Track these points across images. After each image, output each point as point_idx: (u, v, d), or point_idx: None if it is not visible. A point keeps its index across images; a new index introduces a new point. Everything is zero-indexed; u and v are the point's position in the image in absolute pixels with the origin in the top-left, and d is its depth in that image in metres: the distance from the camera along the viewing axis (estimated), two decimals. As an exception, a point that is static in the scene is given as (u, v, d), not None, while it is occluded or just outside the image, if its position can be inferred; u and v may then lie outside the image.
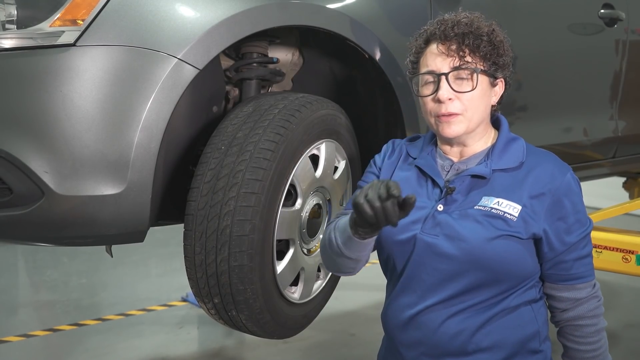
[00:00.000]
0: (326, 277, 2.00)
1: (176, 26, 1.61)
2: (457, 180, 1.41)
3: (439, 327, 1.39)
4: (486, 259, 1.35)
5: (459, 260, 1.37)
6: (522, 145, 1.44)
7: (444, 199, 1.40)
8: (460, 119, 1.39)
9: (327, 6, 1.86)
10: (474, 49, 1.38)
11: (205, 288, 1.71)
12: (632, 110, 3.02)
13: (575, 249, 1.40)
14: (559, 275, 1.42)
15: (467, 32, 1.39)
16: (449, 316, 1.38)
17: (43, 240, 1.67)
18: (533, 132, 2.44)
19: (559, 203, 1.37)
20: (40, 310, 4.18)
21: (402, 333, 1.44)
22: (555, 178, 1.38)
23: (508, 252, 1.36)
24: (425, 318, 1.40)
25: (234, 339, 3.58)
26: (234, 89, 2.00)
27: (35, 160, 1.52)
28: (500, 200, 1.37)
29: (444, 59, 1.39)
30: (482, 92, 1.40)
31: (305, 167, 1.80)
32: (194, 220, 1.67)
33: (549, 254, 1.40)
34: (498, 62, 1.41)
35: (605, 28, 2.80)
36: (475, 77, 1.38)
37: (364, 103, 2.15)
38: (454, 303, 1.38)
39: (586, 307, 1.42)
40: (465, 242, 1.36)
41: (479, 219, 1.36)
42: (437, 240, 1.38)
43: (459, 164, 1.44)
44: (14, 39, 1.55)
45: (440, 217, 1.39)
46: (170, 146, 1.75)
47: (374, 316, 3.72)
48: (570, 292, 1.42)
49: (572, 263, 1.40)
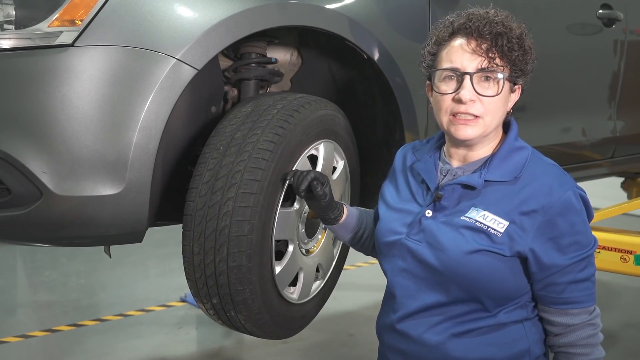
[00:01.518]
0: (325, 277, 2.00)
1: (175, 26, 1.61)
2: (448, 187, 1.35)
3: (419, 336, 1.35)
4: (462, 273, 1.29)
5: (437, 271, 1.32)
6: (525, 157, 1.35)
7: (433, 204, 1.35)
8: (478, 123, 1.31)
9: (326, 6, 1.86)
10: (505, 52, 1.30)
11: (203, 288, 1.71)
12: (631, 111, 3.02)
13: (569, 272, 1.30)
14: (550, 297, 1.33)
15: (501, 32, 1.30)
16: (430, 326, 1.34)
17: (41, 240, 1.67)
18: (532, 133, 2.44)
19: (552, 222, 1.27)
20: (39, 311, 4.17)
21: (387, 337, 1.43)
22: (551, 195, 1.28)
23: (486, 269, 1.28)
24: (407, 325, 1.37)
25: (232, 340, 3.57)
26: (233, 89, 2.00)
27: (34, 161, 1.52)
28: (486, 214, 1.30)
29: (473, 57, 1.29)
30: (503, 98, 1.32)
31: (304, 167, 1.79)
32: (192, 220, 1.67)
33: (538, 274, 1.31)
34: (524, 69, 1.34)
35: (604, 28, 2.80)
36: (501, 83, 1.30)
37: (362, 103, 2.15)
38: (436, 313, 1.34)
39: (579, 335, 1.33)
40: (444, 252, 1.31)
41: (462, 231, 1.30)
42: (420, 247, 1.34)
43: (456, 169, 1.38)
44: (12, 39, 1.55)
45: (425, 223, 1.35)
46: (168, 146, 1.75)
47: (372, 316, 3.70)
48: (562, 317, 1.33)
49: (564, 286, 1.30)
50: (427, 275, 1.34)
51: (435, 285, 1.33)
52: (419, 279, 1.35)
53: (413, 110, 2.05)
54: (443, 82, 1.33)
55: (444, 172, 1.39)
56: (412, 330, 1.36)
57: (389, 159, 2.11)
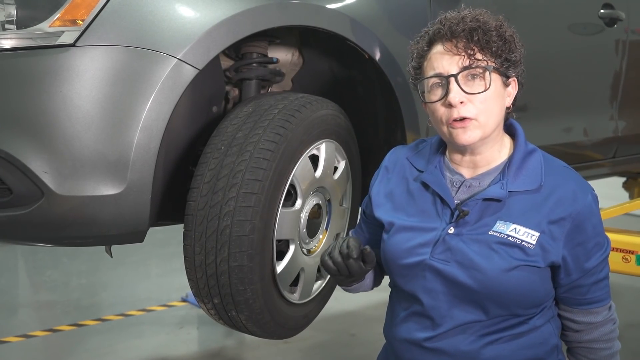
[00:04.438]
0: (326, 277, 2.00)
1: (176, 26, 1.61)
2: (473, 201, 1.29)
3: (456, 352, 1.31)
4: (502, 290, 1.26)
5: (473, 290, 1.27)
6: (539, 161, 1.31)
7: (456, 222, 1.29)
8: (475, 124, 1.26)
9: (327, 6, 1.85)
10: (483, 44, 1.26)
11: (205, 288, 1.71)
12: (632, 110, 3.02)
13: (593, 274, 1.31)
14: (575, 299, 1.33)
15: (475, 27, 1.26)
16: (464, 340, 1.30)
17: (43, 240, 1.67)
18: (533, 132, 2.43)
19: (580, 227, 1.27)
20: (40, 311, 4.17)
21: (408, 353, 1.36)
22: (577, 201, 1.27)
23: (525, 283, 1.26)
24: (440, 343, 1.32)
25: (234, 339, 3.57)
26: (234, 89, 2.00)
27: (35, 161, 1.52)
28: (517, 227, 1.26)
29: (452, 58, 1.26)
30: (496, 93, 1.28)
31: (305, 167, 1.80)
32: (193, 220, 1.67)
33: (565, 279, 1.31)
34: (510, 59, 1.29)
35: (605, 28, 2.80)
36: (487, 76, 1.25)
37: (364, 103, 2.15)
38: (470, 327, 1.30)
39: (602, 331, 1.35)
40: (481, 272, 1.26)
41: (495, 247, 1.26)
42: (449, 268, 1.28)
43: (470, 181, 1.32)
44: (14, 39, 1.55)
45: (451, 242, 1.28)
46: (170, 146, 1.75)
47: (374, 316, 3.71)
48: (586, 317, 1.34)
49: (588, 287, 1.32)
50: (461, 294, 1.29)
51: (470, 302, 1.29)
52: (451, 298, 1.30)
53: (414, 110, 2.05)
54: (431, 91, 1.30)
55: (456, 184, 1.33)
56: (446, 346, 1.31)
57: (390, 159, 2.11)
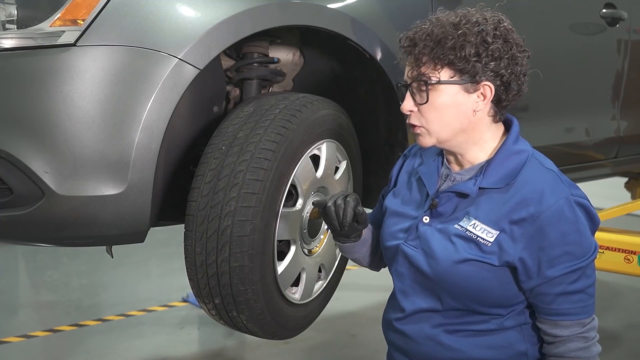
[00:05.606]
0: (327, 277, 2.00)
1: (177, 26, 1.61)
2: (445, 195, 1.34)
3: (418, 337, 1.37)
4: (451, 281, 1.29)
5: (429, 278, 1.33)
6: (522, 161, 1.29)
7: (430, 210, 1.35)
8: (423, 132, 1.31)
9: (328, 6, 1.85)
10: (433, 56, 1.26)
11: (205, 289, 1.70)
12: (635, 110, 3.01)
13: (559, 283, 1.25)
14: (541, 307, 1.30)
15: (429, 31, 1.27)
16: (425, 326, 1.36)
17: (43, 240, 1.66)
18: (535, 132, 2.44)
19: (542, 231, 1.23)
20: (41, 311, 4.17)
21: (389, 334, 1.45)
22: (542, 203, 1.23)
23: (474, 278, 1.28)
24: (407, 327, 1.39)
25: (234, 340, 3.57)
26: (235, 89, 2.00)
27: (36, 161, 1.52)
28: (476, 223, 1.28)
29: (409, 67, 1.30)
30: (445, 104, 1.27)
31: (306, 167, 1.79)
32: (194, 220, 1.66)
33: (526, 283, 1.28)
34: (474, 67, 1.24)
35: (607, 28, 2.79)
36: (426, 89, 1.27)
37: (365, 103, 2.14)
38: (431, 316, 1.35)
39: (569, 347, 1.28)
40: (435, 260, 1.31)
41: (453, 239, 1.30)
42: (415, 254, 1.34)
43: (455, 175, 1.36)
44: (15, 39, 1.55)
45: (422, 230, 1.34)
46: (170, 146, 1.75)
47: (375, 317, 3.71)
48: (553, 328, 1.30)
49: (553, 297, 1.27)
50: (422, 281, 1.35)
51: (428, 291, 1.35)
52: (415, 284, 1.37)
53: (416, 110, 2.04)
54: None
55: (443, 177, 1.38)
56: (411, 331, 1.38)
57: (391, 159, 2.11)
